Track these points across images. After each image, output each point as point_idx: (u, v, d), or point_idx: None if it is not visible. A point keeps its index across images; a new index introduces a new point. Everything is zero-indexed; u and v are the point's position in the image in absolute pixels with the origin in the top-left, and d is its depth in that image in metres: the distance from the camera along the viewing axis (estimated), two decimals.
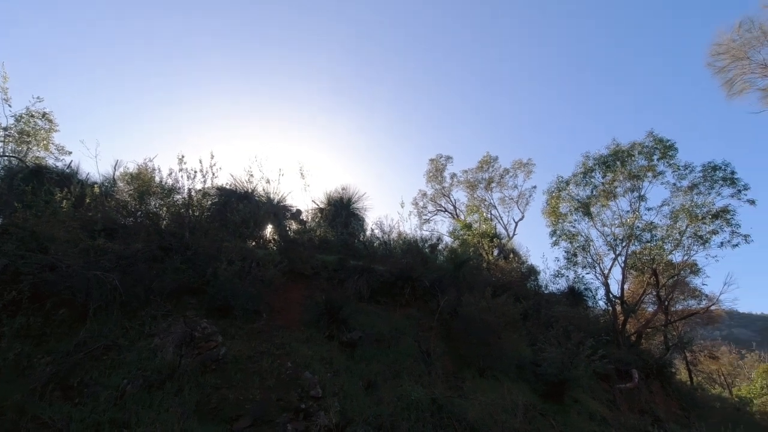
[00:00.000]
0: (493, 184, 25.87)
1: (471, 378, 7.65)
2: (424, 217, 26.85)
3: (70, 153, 11.32)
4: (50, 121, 11.88)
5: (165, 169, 11.14)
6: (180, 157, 7.74)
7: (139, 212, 7.44)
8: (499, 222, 25.01)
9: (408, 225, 44.00)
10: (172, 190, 7.70)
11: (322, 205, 13.21)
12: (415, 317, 8.79)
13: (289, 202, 11.73)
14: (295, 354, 6.45)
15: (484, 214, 23.18)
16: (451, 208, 26.88)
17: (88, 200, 7.27)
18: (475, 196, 26.23)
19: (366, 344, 7.38)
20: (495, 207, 25.77)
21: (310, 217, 12.66)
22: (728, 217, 14.49)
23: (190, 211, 7.71)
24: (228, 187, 10.57)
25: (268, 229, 10.56)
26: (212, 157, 8.11)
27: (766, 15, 10.74)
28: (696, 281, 17.77)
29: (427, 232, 20.46)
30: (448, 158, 27.42)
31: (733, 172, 14.61)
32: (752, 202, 14.39)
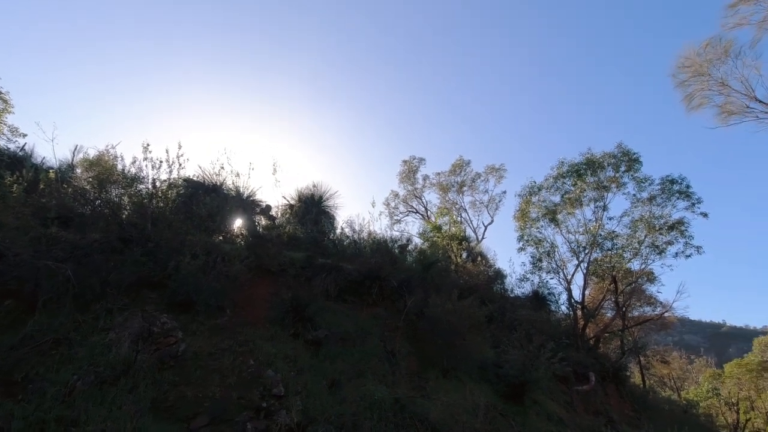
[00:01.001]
0: (465, 188, 26.22)
1: (434, 378, 7.72)
2: (395, 218, 26.97)
3: (25, 135, 10.70)
4: (5, 101, 11.19)
5: (128, 157, 10.69)
6: (145, 145, 7.41)
7: (99, 201, 7.09)
8: (469, 225, 25.39)
9: (378, 225, 43.89)
10: (135, 179, 7.38)
11: (292, 202, 13.02)
12: (382, 317, 8.80)
13: (259, 197, 11.50)
14: (258, 351, 6.34)
15: (455, 216, 23.50)
16: (423, 209, 27.10)
17: (42, 186, 6.88)
18: (446, 198, 26.52)
19: (331, 343, 7.32)
20: (465, 210, 26.15)
21: (279, 213, 12.46)
22: (683, 228, 15.23)
23: (154, 202, 7.43)
24: (196, 179, 10.26)
25: (236, 224, 10.31)
26: (180, 147, 7.83)
27: (732, 34, 11.37)
28: (652, 289, 18.63)
29: (398, 233, 20.50)
30: (422, 160, 27.65)
31: (688, 186, 15.38)
32: (705, 215, 15.19)
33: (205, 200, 8.64)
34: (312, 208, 12.39)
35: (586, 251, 16.63)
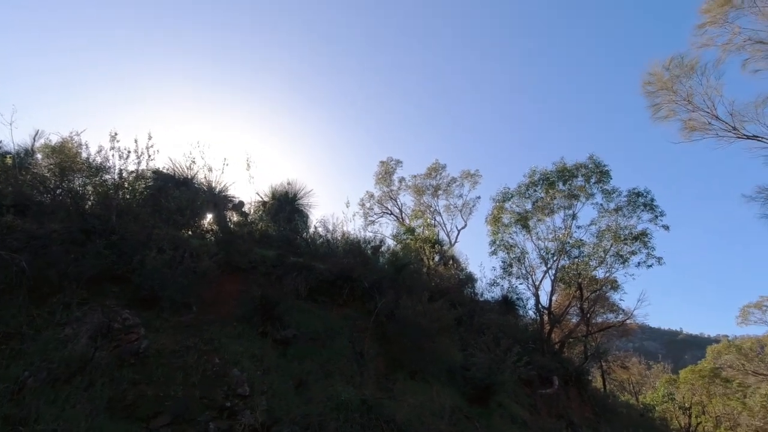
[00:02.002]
0: (440, 192, 26.45)
1: (402, 380, 7.75)
2: (369, 219, 26.97)
3: None
4: None
5: (94, 145, 10.25)
6: (113, 134, 7.13)
7: (60, 189, 6.77)
8: (443, 229, 25.61)
9: (352, 225, 43.39)
10: (101, 168, 7.07)
11: (266, 199, 12.82)
12: (352, 317, 8.77)
13: (231, 192, 11.24)
14: (224, 350, 6.20)
15: (429, 219, 23.67)
16: (397, 211, 27.19)
17: None
18: (421, 201, 26.70)
19: (300, 342, 7.25)
20: (440, 214, 26.37)
21: (252, 210, 12.24)
22: (646, 239, 15.86)
23: (120, 193, 7.16)
24: (166, 171, 9.95)
25: (207, 219, 10.07)
26: (150, 137, 7.57)
27: (699, 53, 11.96)
28: (615, 296, 19.29)
29: (371, 234, 20.47)
30: (398, 162, 27.76)
31: (652, 199, 16.04)
32: (666, 227, 15.89)
33: (174, 193, 8.39)
34: (286, 206, 12.23)
35: (555, 258, 17.08)
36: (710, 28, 11.88)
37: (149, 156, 7.53)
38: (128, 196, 7.26)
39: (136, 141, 7.38)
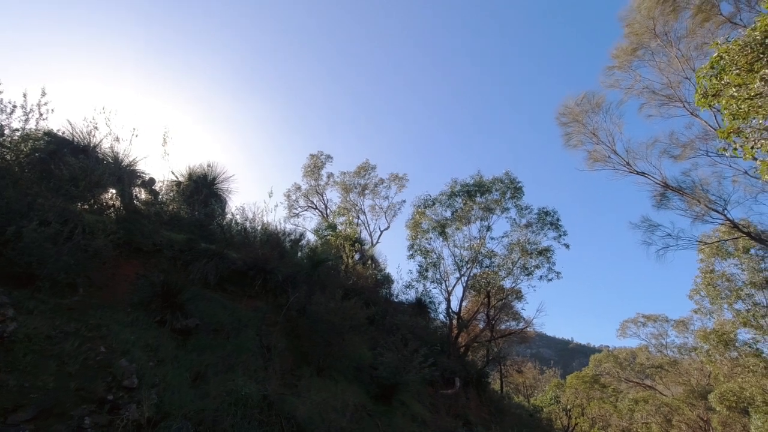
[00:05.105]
0: (367, 192, 26.64)
1: (308, 376, 7.62)
2: (294, 211, 26.43)
3: None
4: None
5: None
6: None
7: None
8: (366, 228, 25.82)
9: (273, 216, 41.60)
10: None
11: (181, 179, 11.89)
12: (262, 310, 8.44)
13: (142, 167, 10.24)
14: (112, 338, 5.62)
15: (353, 218, 23.70)
16: (323, 206, 26.93)
17: None
18: (347, 199, 26.68)
19: (202, 333, 6.82)
20: (364, 213, 26.56)
21: (164, 190, 11.28)
22: (549, 255, 17.36)
23: None
24: (62, 134, 8.80)
25: (109, 194, 9.07)
26: (44, 94, 6.63)
27: (603, 90, 13.49)
28: (518, 306, 20.87)
29: (293, 227, 20.00)
30: (329, 157, 27.53)
31: (558, 219, 17.62)
32: (567, 246, 17.54)
33: (70, 161, 7.44)
34: (203, 189, 11.43)
35: (468, 266, 18.02)
36: (617, 72, 13.49)
37: (41, 114, 6.60)
38: (9, 158, 6.30)
39: (25, 95, 6.42)
